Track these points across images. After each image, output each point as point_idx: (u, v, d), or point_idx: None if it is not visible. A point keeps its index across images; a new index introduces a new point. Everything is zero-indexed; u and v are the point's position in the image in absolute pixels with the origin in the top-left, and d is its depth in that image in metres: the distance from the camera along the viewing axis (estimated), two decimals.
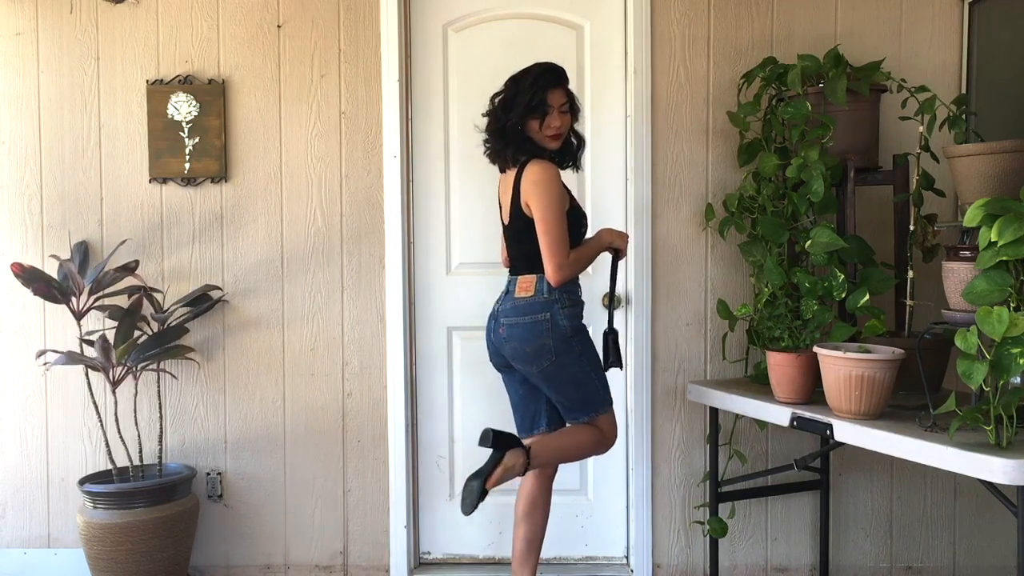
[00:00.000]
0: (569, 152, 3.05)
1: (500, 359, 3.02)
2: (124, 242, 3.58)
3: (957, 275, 2.55)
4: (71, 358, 3.35)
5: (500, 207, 3.08)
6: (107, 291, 3.47)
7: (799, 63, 3.18)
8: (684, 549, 3.62)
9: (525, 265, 2.96)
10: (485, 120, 3.00)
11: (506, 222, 3.02)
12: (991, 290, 2.30)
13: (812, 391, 2.89)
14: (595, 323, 3.62)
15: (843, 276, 2.96)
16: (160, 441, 3.56)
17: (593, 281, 3.62)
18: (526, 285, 2.93)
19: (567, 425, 3.04)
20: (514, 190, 2.91)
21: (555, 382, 2.93)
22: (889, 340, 2.90)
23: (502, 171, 3.03)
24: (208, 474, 3.68)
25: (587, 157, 3.60)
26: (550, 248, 2.83)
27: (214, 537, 3.69)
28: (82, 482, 3.44)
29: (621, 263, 3.56)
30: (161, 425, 3.58)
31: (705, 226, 3.53)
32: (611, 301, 3.17)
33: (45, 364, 3.53)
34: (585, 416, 2.99)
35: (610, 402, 3.03)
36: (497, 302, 3.01)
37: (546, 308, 2.89)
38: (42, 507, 3.73)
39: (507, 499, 3.50)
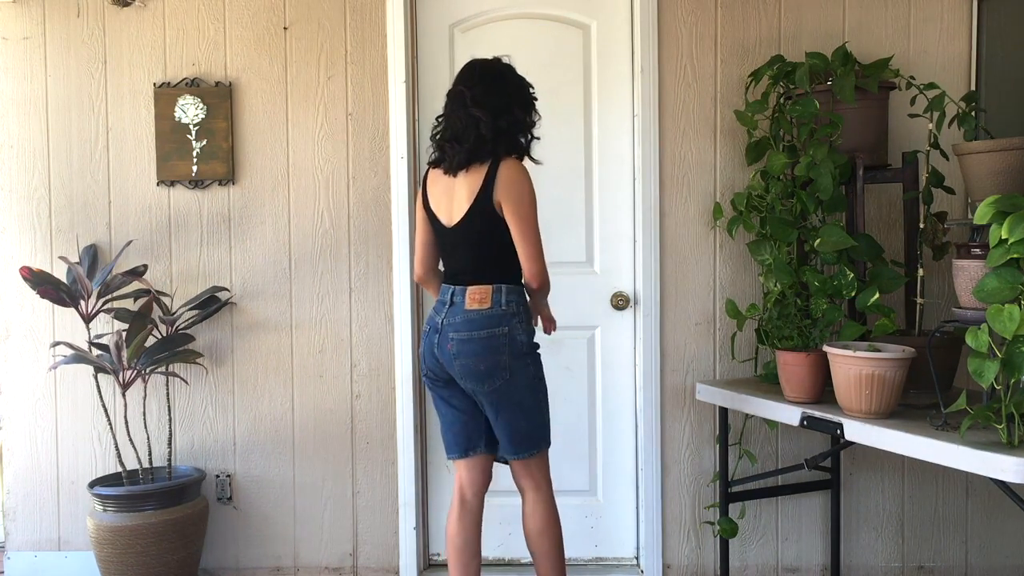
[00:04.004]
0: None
1: (442, 375, 2.79)
2: (130, 243, 3.58)
3: (967, 273, 2.53)
4: (80, 357, 3.35)
5: (432, 212, 2.83)
6: (115, 294, 3.48)
7: (807, 61, 3.17)
8: (694, 549, 3.61)
9: (476, 274, 2.74)
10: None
11: (450, 224, 2.77)
12: (1002, 288, 2.28)
13: (822, 390, 2.87)
14: (603, 324, 3.63)
15: (852, 275, 2.95)
16: (169, 443, 3.57)
17: (599, 280, 3.62)
18: (479, 296, 2.71)
19: (509, 460, 2.83)
20: (483, 188, 2.70)
21: (505, 404, 2.73)
22: (899, 339, 2.89)
23: (453, 173, 2.76)
24: (217, 476, 3.69)
25: (594, 156, 3.62)
26: (537, 249, 2.73)
27: (224, 539, 3.70)
28: (92, 485, 3.45)
29: (632, 259, 3.58)
30: (170, 427, 3.59)
31: (713, 225, 3.52)
32: None
33: (54, 358, 3.55)
34: (527, 451, 2.78)
35: (549, 441, 2.85)
36: (438, 314, 2.76)
37: (504, 322, 2.70)
38: (52, 510, 3.74)
39: (516, 500, 3.50)
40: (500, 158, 2.71)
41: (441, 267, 2.92)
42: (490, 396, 2.72)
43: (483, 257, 2.75)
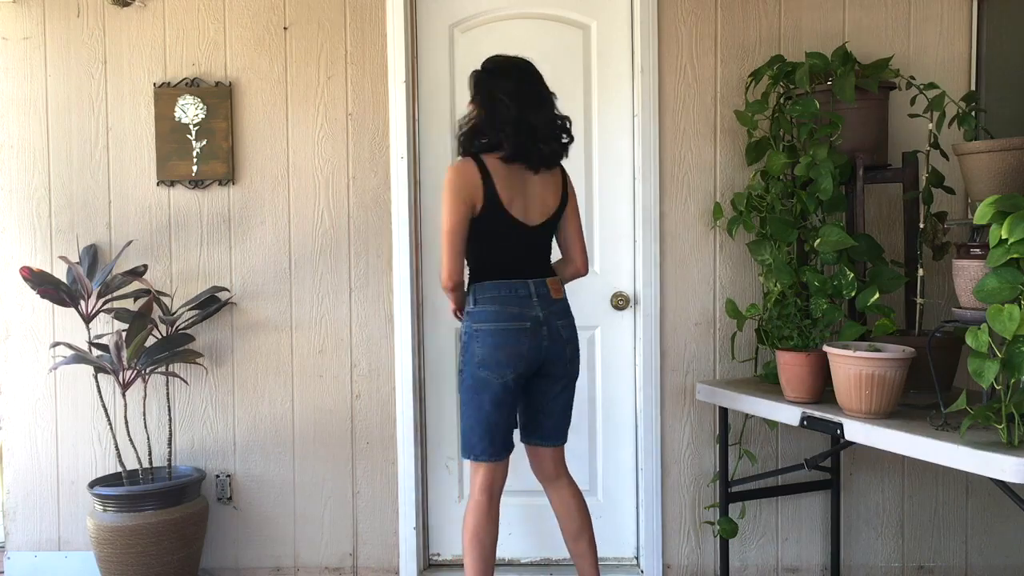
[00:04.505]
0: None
1: (534, 369, 2.82)
2: (130, 243, 3.58)
3: (967, 273, 2.53)
4: (80, 358, 3.35)
5: (505, 210, 2.79)
6: (115, 294, 3.48)
7: (807, 61, 3.17)
8: (694, 550, 3.61)
9: (547, 268, 2.90)
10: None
11: (536, 223, 2.84)
12: (1002, 288, 2.28)
13: (822, 390, 2.87)
14: (603, 324, 3.63)
15: (852, 275, 2.95)
16: (169, 443, 3.57)
17: (599, 280, 3.62)
18: (557, 287, 2.87)
19: (550, 447, 2.97)
20: (563, 190, 2.91)
21: (573, 385, 2.96)
22: (899, 338, 2.89)
23: (536, 171, 2.83)
24: (217, 476, 3.69)
25: (594, 156, 3.62)
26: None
27: (224, 539, 3.70)
28: (92, 485, 3.45)
29: (632, 259, 3.60)
30: (170, 427, 3.59)
31: (713, 225, 3.52)
32: None
33: (54, 358, 3.55)
34: (567, 435, 3.03)
35: None
36: (532, 308, 2.78)
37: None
38: (52, 510, 3.74)
39: (516, 500, 3.51)
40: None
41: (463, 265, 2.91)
42: (572, 379, 2.93)
43: (550, 252, 2.94)
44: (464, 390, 2.83)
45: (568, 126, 2.88)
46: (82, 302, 3.44)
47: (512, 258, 2.84)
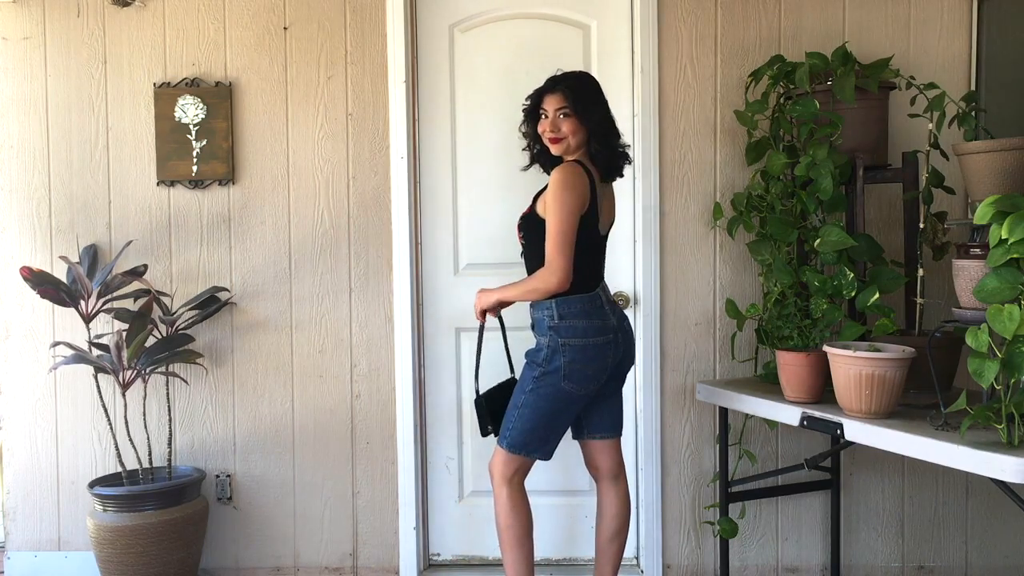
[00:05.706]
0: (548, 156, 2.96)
1: (613, 371, 2.90)
2: (130, 243, 3.58)
3: (967, 273, 2.53)
4: (80, 358, 3.35)
5: (598, 218, 2.86)
6: (115, 294, 3.48)
7: (807, 61, 3.17)
8: (695, 549, 3.61)
9: (603, 273, 2.99)
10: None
11: (604, 232, 2.94)
12: (1002, 288, 2.28)
13: (822, 390, 2.87)
14: None
15: (852, 275, 2.95)
16: (169, 443, 3.57)
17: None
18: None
19: (614, 438, 3.04)
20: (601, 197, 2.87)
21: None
22: (899, 339, 2.88)
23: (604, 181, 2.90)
24: (217, 476, 3.69)
25: None
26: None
27: (224, 539, 3.70)
28: (92, 485, 3.45)
29: (632, 259, 3.60)
30: (170, 427, 3.59)
31: (713, 225, 3.52)
32: (477, 364, 3.06)
33: (54, 358, 3.55)
34: None
35: None
36: (616, 317, 2.88)
37: None
38: (52, 510, 3.74)
39: None
40: None
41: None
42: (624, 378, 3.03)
43: None
44: (539, 396, 2.82)
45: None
46: (82, 302, 3.44)
47: (592, 270, 2.90)
